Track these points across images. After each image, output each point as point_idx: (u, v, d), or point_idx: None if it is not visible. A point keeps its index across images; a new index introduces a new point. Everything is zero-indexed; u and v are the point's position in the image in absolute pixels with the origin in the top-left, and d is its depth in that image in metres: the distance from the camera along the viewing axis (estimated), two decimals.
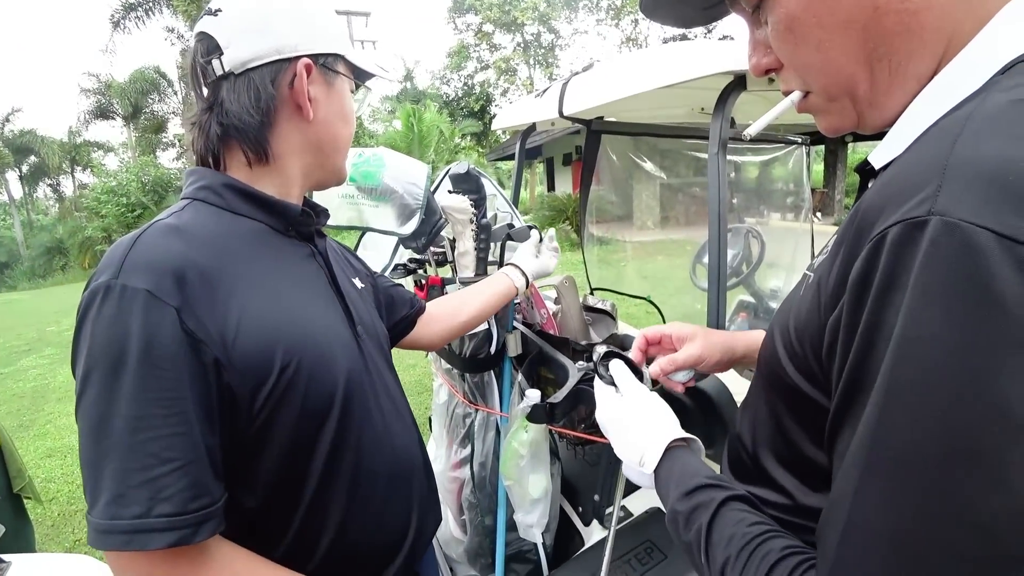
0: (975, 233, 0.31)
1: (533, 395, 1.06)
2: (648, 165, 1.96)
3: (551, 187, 19.20)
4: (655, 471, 0.64)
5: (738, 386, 1.40)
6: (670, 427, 0.69)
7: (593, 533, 1.43)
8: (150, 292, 0.56)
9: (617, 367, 0.81)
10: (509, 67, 28.18)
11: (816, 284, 0.46)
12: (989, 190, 0.31)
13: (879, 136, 0.48)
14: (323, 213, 0.86)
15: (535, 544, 1.47)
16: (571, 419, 1.33)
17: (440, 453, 1.51)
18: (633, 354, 0.87)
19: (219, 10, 0.71)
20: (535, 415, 1.01)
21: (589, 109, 1.46)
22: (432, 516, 0.92)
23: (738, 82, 1.20)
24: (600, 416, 0.77)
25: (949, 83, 0.40)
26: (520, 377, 1.25)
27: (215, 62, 0.70)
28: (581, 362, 1.05)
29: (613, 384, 0.80)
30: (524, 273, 1.18)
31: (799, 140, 2.39)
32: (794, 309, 0.51)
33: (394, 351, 1.00)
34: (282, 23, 0.71)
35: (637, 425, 0.70)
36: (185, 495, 0.56)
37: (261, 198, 0.74)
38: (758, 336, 0.84)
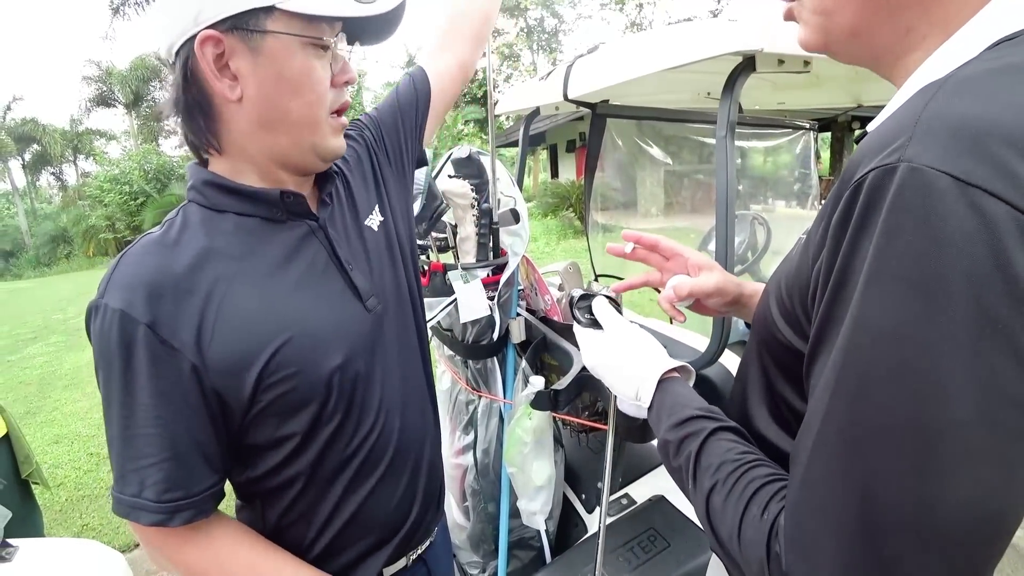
0: (936, 177, 0.34)
1: (537, 382, 1.05)
2: (654, 150, 1.93)
3: (554, 174, 19.09)
4: (649, 404, 0.65)
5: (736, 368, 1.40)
6: (660, 358, 0.68)
7: (596, 520, 1.43)
8: (123, 311, 0.60)
9: (600, 304, 0.79)
10: (512, 52, 27.92)
11: (806, 240, 0.49)
12: (951, 140, 0.35)
13: None
14: (331, 178, 0.79)
15: (538, 531, 1.47)
16: (575, 406, 1.32)
17: (443, 440, 1.51)
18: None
19: None
20: (539, 402, 1.00)
21: (594, 92, 1.43)
22: (432, 512, 0.90)
23: (747, 64, 1.17)
24: (588, 359, 0.75)
25: (940, 60, 0.43)
26: (524, 364, 1.25)
27: (162, 52, 0.67)
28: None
29: (593, 326, 0.77)
30: None
31: (806, 125, 2.36)
32: (786, 267, 0.54)
33: None
34: None
35: (628, 360, 0.69)
36: (159, 487, 0.63)
37: (238, 190, 0.69)
38: (760, 288, 0.82)
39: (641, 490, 1.47)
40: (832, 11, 0.49)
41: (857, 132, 0.60)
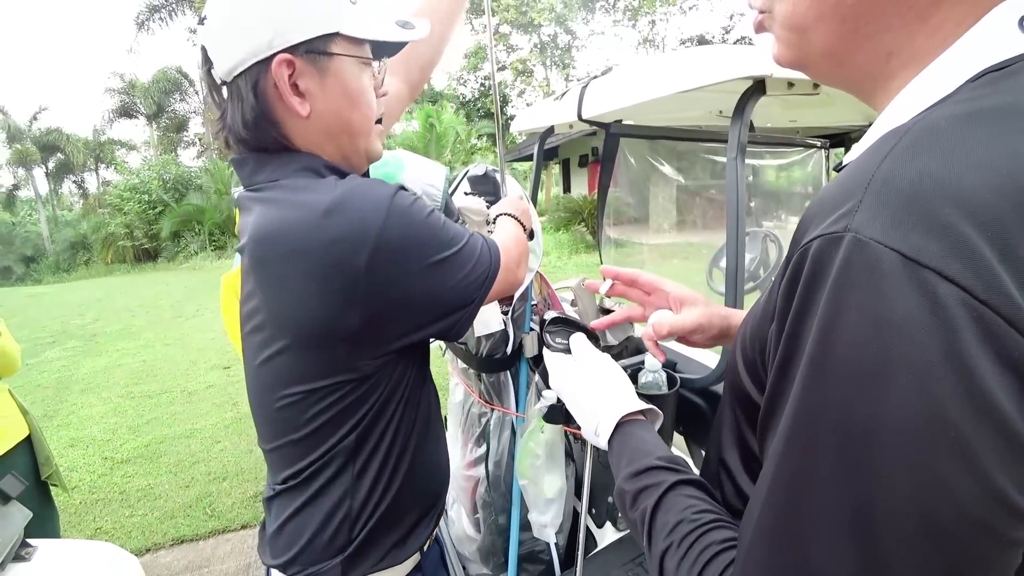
0: (882, 253, 0.30)
1: (550, 396, 1.07)
2: (666, 168, 1.96)
3: (567, 188, 19.17)
4: (609, 443, 0.63)
5: None
6: (624, 398, 0.66)
7: (606, 534, 1.44)
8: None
9: (577, 338, 0.80)
10: (526, 68, 28.22)
11: (768, 290, 0.46)
12: (902, 209, 0.31)
13: None
14: None
15: (548, 544, 1.47)
16: None
17: (455, 452, 1.53)
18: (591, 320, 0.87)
19: (205, 18, 0.71)
20: (552, 416, 1.02)
21: (608, 113, 1.46)
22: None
23: (757, 87, 1.20)
24: (554, 383, 0.75)
25: (917, 91, 0.38)
26: (537, 378, 1.26)
27: (212, 72, 0.72)
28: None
29: (564, 351, 0.77)
30: None
31: (817, 143, 2.38)
32: (753, 315, 0.51)
33: None
34: (252, 22, 0.67)
35: (591, 394, 0.68)
36: None
37: (337, 168, 0.78)
38: None
39: None
40: (805, 28, 0.43)
41: (834, 165, 0.57)
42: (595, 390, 0.68)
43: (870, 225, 0.31)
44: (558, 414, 1.02)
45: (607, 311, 1.55)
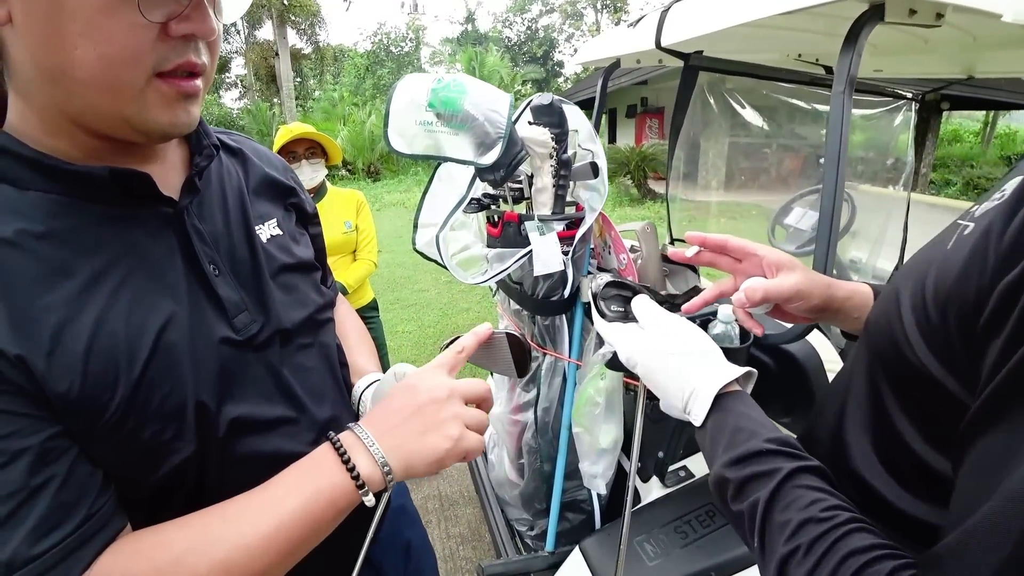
0: None
1: None
2: (747, 112, 1.79)
3: (612, 139, 18.59)
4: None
5: (827, 352, 1.31)
6: (717, 366, 0.56)
7: (652, 490, 1.40)
8: None
9: (642, 302, 0.69)
10: (575, 11, 26.94)
11: (983, 235, 0.36)
12: None
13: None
14: (207, 152, 0.63)
15: (589, 494, 1.45)
16: None
17: (500, 395, 1.49)
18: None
19: None
20: (615, 362, 0.95)
21: (689, 40, 1.32)
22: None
23: (874, 11, 1.05)
24: (623, 352, 0.65)
25: None
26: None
27: None
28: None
29: (622, 319, 0.68)
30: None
31: (908, 95, 2.15)
32: (936, 267, 0.41)
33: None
34: None
35: (675, 365, 0.58)
36: None
37: (42, 164, 0.50)
38: (861, 291, 0.70)
39: (701, 465, 1.42)
40: None
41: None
42: (678, 360, 0.59)
43: None
44: (619, 360, 0.96)
45: (672, 260, 1.45)
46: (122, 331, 0.51)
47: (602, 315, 0.70)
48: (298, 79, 23.02)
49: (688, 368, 0.57)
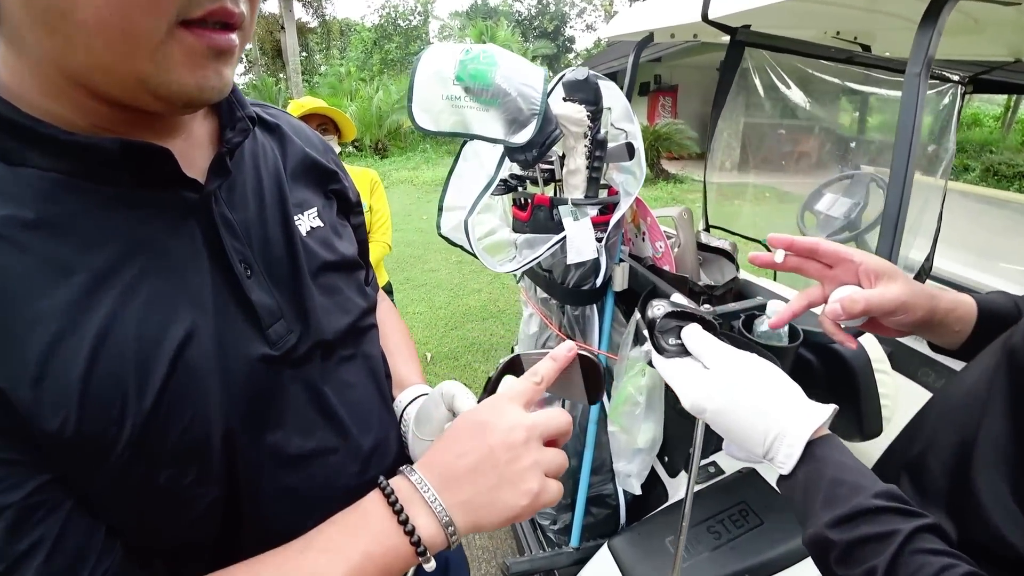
0: None
1: None
2: (794, 93, 1.68)
3: None
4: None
5: (874, 351, 1.24)
6: (802, 408, 0.50)
7: (680, 486, 1.35)
8: None
9: (692, 332, 0.59)
10: None
11: None
12: None
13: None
14: (242, 126, 0.53)
15: (615, 489, 1.40)
16: None
17: None
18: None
19: None
20: None
21: (736, 14, 1.23)
22: None
23: None
24: (688, 399, 0.56)
25: None
26: (637, 317, 1.13)
27: None
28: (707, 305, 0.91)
29: (682, 354, 0.59)
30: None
31: (955, 77, 2.04)
32: None
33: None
34: None
35: (752, 410, 0.51)
36: None
37: (38, 133, 0.40)
38: (965, 303, 0.64)
39: (731, 461, 1.37)
40: None
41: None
42: (756, 403, 0.52)
43: None
44: None
45: (707, 248, 1.38)
46: (131, 348, 0.41)
47: (660, 350, 0.61)
48: (304, 54, 22.69)
49: (769, 412, 0.51)
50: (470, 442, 0.48)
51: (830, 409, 0.49)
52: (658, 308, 0.62)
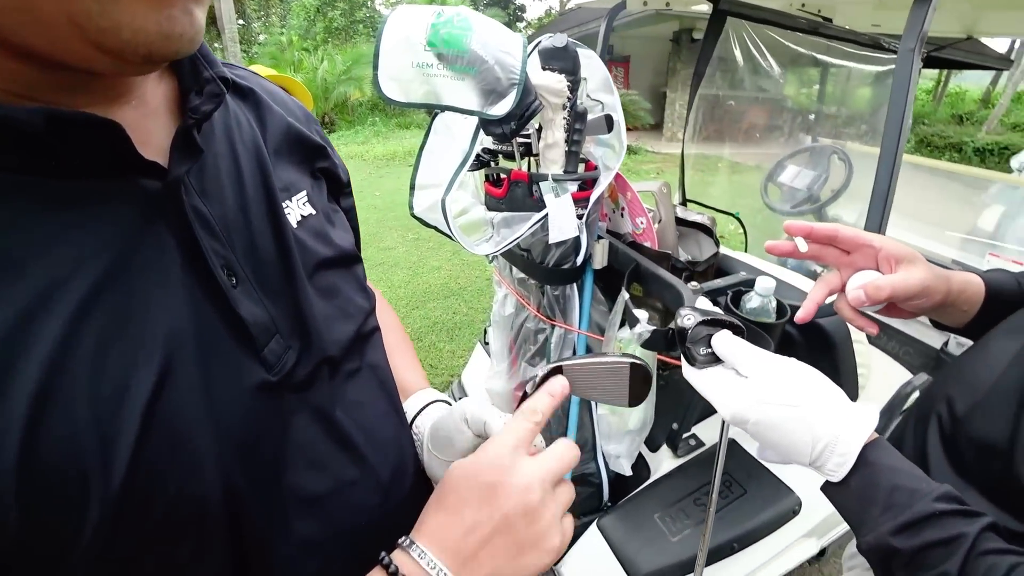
0: None
1: (643, 317, 0.91)
2: (769, 64, 1.66)
3: None
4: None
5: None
6: (853, 413, 0.48)
7: (662, 461, 1.35)
8: None
9: (725, 339, 0.57)
10: None
11: None
12: None
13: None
14: (212, 90, 0.40)
15: (597, 468, 1.39)
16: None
17: (501, 368, 1.40)
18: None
19: None
20: (654, 342, 0.87)
21: None
22: None
23: None
24: (728, 410, 0.54)
25: None
26: (626, 297, 1.10)
27: None
28: (693, 283, 0.89)
29: (715, 360, 0.56)
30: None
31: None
32: None
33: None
34: None
35: (800, 416, 0.49)
36: None
37: None
38: (974, 283, 0.64)
39: (709, 432, 1.39)
40: None
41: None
42: (802, 411, 0.50)
43: None
44: (660, 340, 0.87)
45: (685, 222, 1.36)
46: (86, 404, 0.30)
47: (691, 361, 0.58)
48: (241, 21, 21.38)
49: (816, 420, 0.49)
50: (482, 510, 0.40)
51: (876, 412, 0.48)
52: (688, 318, 0.58)
